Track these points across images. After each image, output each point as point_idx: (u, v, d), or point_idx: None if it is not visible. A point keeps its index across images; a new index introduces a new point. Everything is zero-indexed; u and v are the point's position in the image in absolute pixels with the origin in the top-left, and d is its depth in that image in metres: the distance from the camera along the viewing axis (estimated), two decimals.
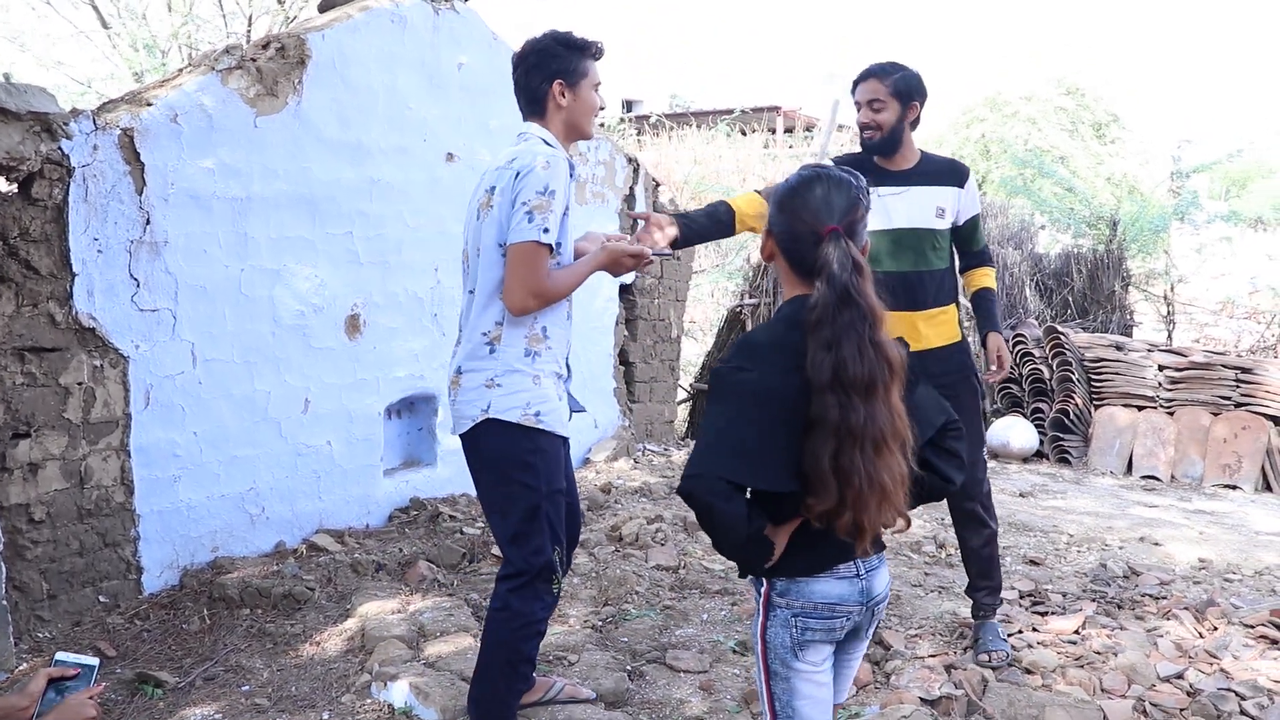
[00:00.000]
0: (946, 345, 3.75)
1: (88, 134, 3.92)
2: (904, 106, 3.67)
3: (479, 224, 2.85)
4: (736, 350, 1.99)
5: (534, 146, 2.82)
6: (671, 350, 7.68)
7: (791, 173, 2.12)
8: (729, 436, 1.88)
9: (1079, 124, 21.92)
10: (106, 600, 4.15)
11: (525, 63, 2.92)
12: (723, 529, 1.87)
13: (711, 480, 1.85)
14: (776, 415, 1.89)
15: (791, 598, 2.02)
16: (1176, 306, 11.16)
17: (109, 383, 4.09)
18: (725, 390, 1.93)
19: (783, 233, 2.03)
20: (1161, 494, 7.26)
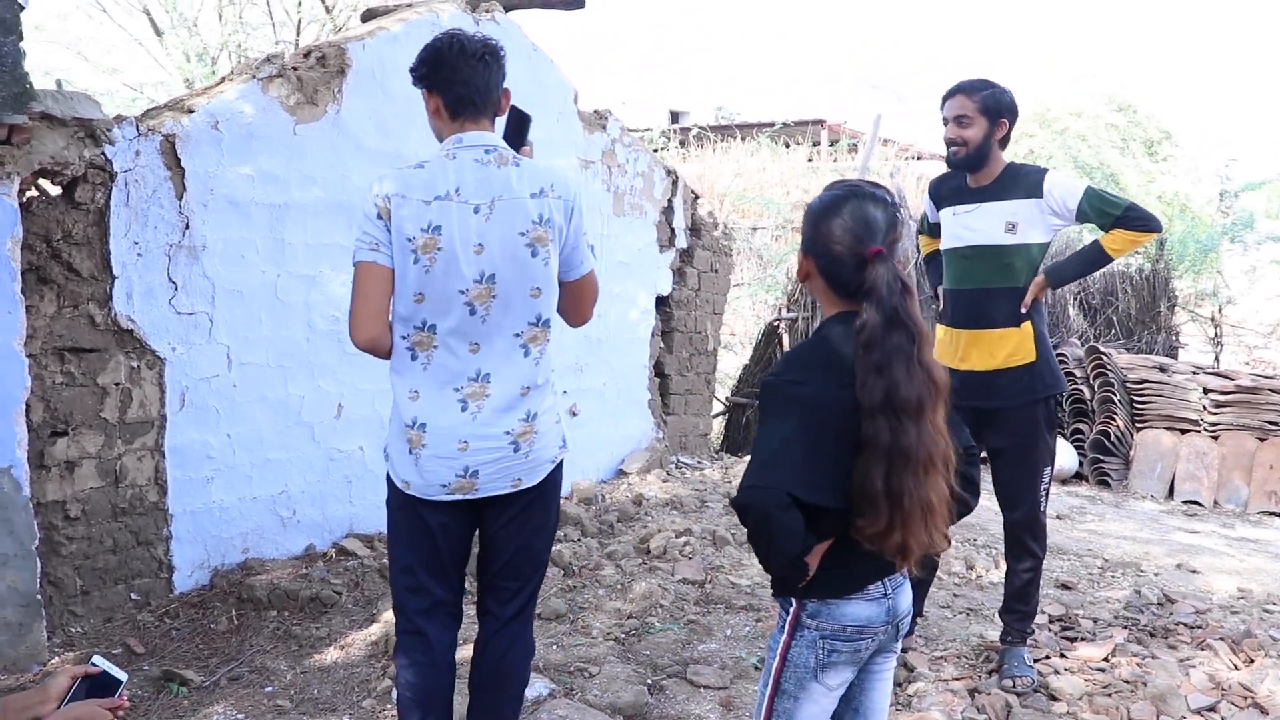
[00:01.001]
0: (1017, 366, 3.68)
1: (130, 140, 3.99)
2: (992, 124, 3.64)
3: (534, 260, 2.52)
4: (788, 365, 2.00)
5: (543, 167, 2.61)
6: (708, 363, 7.66)
7: (823, 191, 2.10)
8: (790, 449, 1.86)
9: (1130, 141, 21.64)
10: (138, 598, 4.21)
11: (496, 60, 2.59)
12: (779, 541, 1.85)
13: (775, 492, 1.82)
14: (831, 431, 1.89)
15: (822, 619, 2.01)
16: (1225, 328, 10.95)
17: (145, 384, 4.15)
18: (782, 403, 1.92)
19: (823, 254, 2.01)
20: (1203, 520, 7.12)
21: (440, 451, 2.52)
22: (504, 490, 2.59)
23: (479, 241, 2.46)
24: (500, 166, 2.52)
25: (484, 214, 2.47)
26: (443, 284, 2.46)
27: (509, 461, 2.57)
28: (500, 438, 2.55)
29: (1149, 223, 3.59)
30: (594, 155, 6.29)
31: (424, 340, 2.51)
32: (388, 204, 2.44)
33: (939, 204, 3.91)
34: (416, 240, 2.43)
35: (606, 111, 6.44)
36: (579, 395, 6.39)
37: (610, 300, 6.54)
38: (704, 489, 6.48)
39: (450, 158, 2.51)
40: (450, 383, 2.52)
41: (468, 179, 2.48)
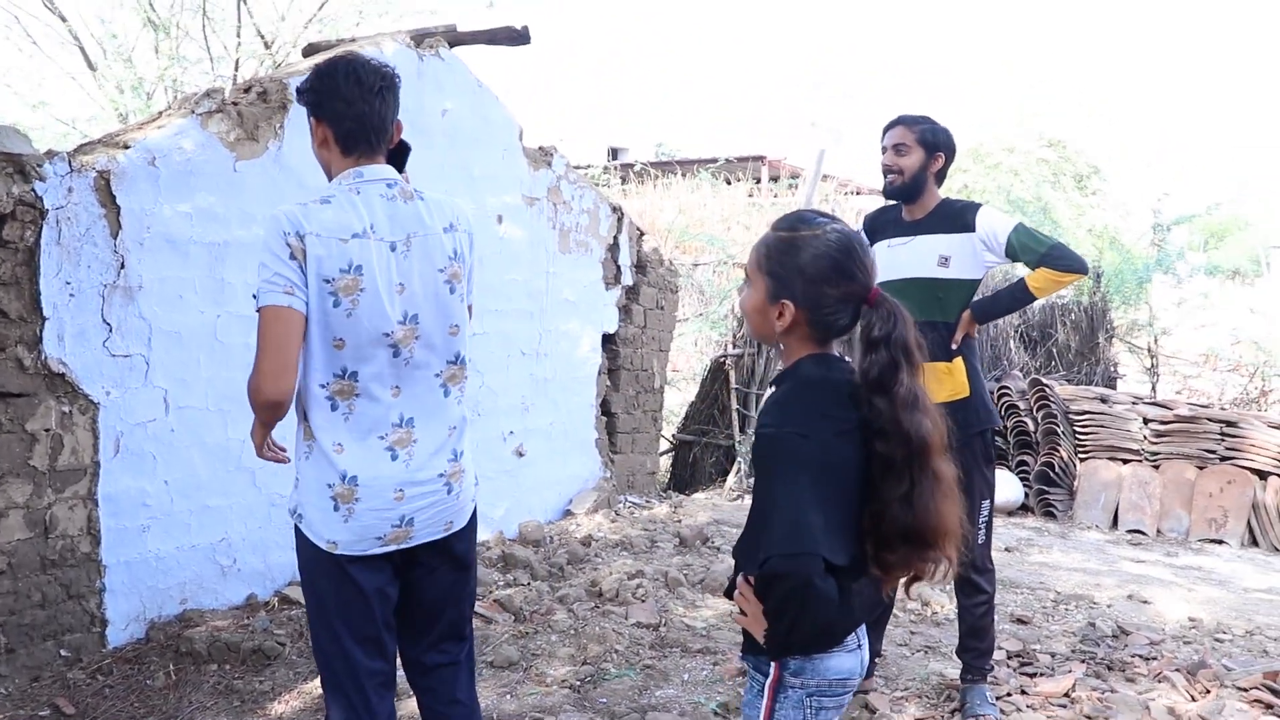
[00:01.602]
0: (951, 401, 3.67)
1: (62, 176, 3.85)
2: (929, 156, 3.70)
3: (452, 297, 2.44)
4: (783, 415, 1.89)
5: (443, 199, 2.49)
6: (655, 401, 7.60)
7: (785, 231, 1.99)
8: (811, 511, 1.78)
9: (1061, 175, 22.17)
10: (68, 654, 4.02)
11: (393, 92, 2.45)
12: (815, 610, 1.77)
13: (812, 559, 1.74)
14: (837, 486, 1.84)
15: (806, 676, 1.92)
16: (1160, 358, 11.17)
17: (78, 429, 3.99)
18: (792, 460, 1.82)
19: (816, 305, 1.92)
20: (1148, 549, 7.19)
21: (375, 504, 2.37)
22: (437, 535, 2.47)
23: (400, 281, 2.34)
24: (407, 201, 2.40)
25: (401, 252, 2.34)
26: (366, 327, 2.31)
27: (443, 504, 2.46)
28: (434, 481, 2.44)
29: (1073, 263, 3.61)
30: (539, 192, 6.24)
31: (345, 389, 2.34)
32: (301, 243, 2.25)
33: (874, 237, 3.93)
34: (336, 281, 2.26)
35: (551, 148, 6.40)
36: (526, 435, 6.29)
37: (557, 338, 6.47)
38: (653, 528, 6.40)
39: (355, 193, 2.35)
40: (374, 430, 2.37)
41: (379, 215, 2.33)
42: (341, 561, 2.38)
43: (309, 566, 2.46)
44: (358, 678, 2.45)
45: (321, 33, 11.09)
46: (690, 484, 8.86)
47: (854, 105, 28.22)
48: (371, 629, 2.45)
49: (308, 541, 2.42)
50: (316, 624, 2.49)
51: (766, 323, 1.97)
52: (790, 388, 1.94)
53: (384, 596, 2.46)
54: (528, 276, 6.18)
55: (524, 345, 6.20)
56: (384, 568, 2.45)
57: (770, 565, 1.77)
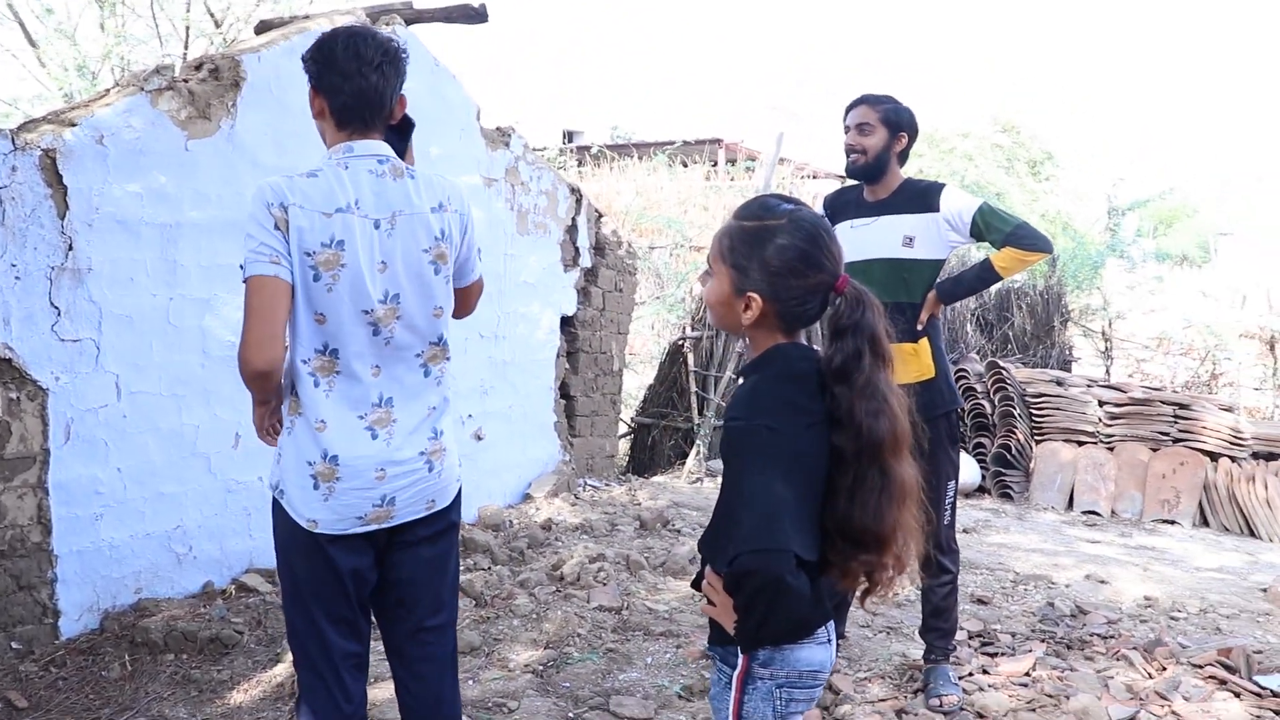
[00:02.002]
0: (915, 382, 3.66)
1: (5, 154, 3.73)
2: (892, 136, 3.68)
3: (436, 278, 2.40)
4: (753, 407, 1.83)
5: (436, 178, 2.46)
6: (613, 384, 7.57)
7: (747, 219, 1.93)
8: (782, 505, 1.73)
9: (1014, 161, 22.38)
10: (20, 646, 3.93)
11: (394, 67, 2.39)
12: (787, 607, 1.74)
13: (784, 555, 1.70)
14: (806, 479, 1.80)
15: (776, 667, 1.87)
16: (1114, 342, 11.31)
17: (26, 416, 3.89)
18: (762, 453, 1.78)
19: (784, 297, 1.87)
20: (1103, 529, 7.29)
21: (356, 484, 2.34)
22: (419, 514, 2.45)
23: (382, 259, 2.31)
24: (396, 179, 2.36)
25: (384, 230, 2.31)
26: (347, 304, 2.28)
27: (425, 483, 2.44)
28: (416, 459, 2.41)
29: (1038, 242, 3.61)
30: (497, 173, 6.17)
31: (326, 365, 2.32)
32: (284, 214, 2.22)
33: (834, 218, 3.91)
34: (317, 255, 2.23)
35: (510, 128, 6.33)
36: (484, 419, 6.24)
37: (515, 321, 6.42)
38: (613, 512, 6.38)
39: (343, 167, 2.32)
40: (354, 409, 2.34)
41: (365, 191, 2.30)
42: (320, 540, 2.35)
43: (286, 545, 2.42)
44: (331, 658, 2.42)
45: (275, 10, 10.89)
46: (649, 467, 8.85)
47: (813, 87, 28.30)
48: (346, 610, 2.42)
49: (286, 518, 2.38)
50: (290, 603, 2.46)
51: (732, 314, 1.92)
52: (759, 379, 1.89)
53: (360, 578, 2.43)
54: (486, 258, 6.09)
55: (482, 328, 6.14)
56: (365, 549, 2.42)
57: (741, 562, 1.73)
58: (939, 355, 3.74)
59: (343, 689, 2.44)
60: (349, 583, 2.40)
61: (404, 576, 2.50)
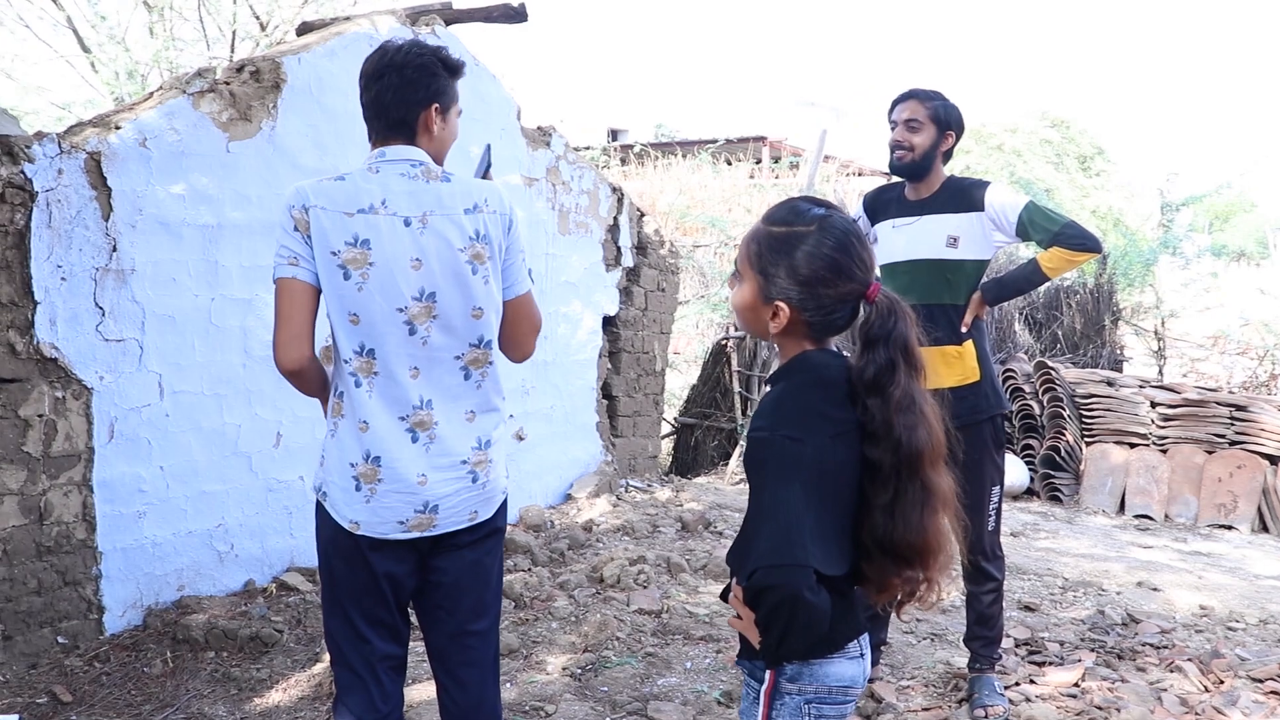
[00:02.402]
0: (960, 386, 3.58)
1: (52, 158, 3.77)
2: (940, 133, 3.59)
3: (474, 278, 2.35)
4: (777, 417, 1.77)
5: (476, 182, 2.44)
6: (656, 384, 7.53)
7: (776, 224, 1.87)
8: (804, 519, 1.68)
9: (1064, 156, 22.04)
10: (65, 641, 3.97)
11: (400, 77, 2.39)
12: (806, 625, 1.68)
13: (803, 571, 1.65)
14: (831, 489, 1.75)
15: (804, 682, 1.82)
16: (1168, 341, 11.08)
17: (71, 415, 3.93)
18: (784, 465, 1.72)
19: (813, 305, 1.81)
20: (1156, 534, 7.13)
21: (398, 487, 2.32)
22: (461, 525, 2.42)
23: (415, 256, 2.29)
24: (429, 181, 2.35)
25: (416, 228, 2.30)
26: (378, 302, 2.28)
27: (468, 493, 2.41)
28: (458, 468, 2.38)
29: (1087, 242, 3.50)
30: (538, 172, 6.15)
31: (365, 365, 2.32)
32: (305, 215, 2.26)
33: (875, 217, 3.82)
34: (343, 254, 2.25)
35: (550, 128, 6.31)
36: (526, 419, 6.23)
37: (556, 321, 6.40)
38: (655, 513, 6.34)
39: (374, 171, 2.33)
40: (396, 411, 2.33)
41: (395, 191, 2.31)
42: (362, 545, 2.35)
43: (327, 547, 2.43)
44: (369, 659, 2.43)
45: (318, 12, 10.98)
46: (692, 468, 8.80)
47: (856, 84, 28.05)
48: (385, 613, 2.42)
49: (329, 520, 2.39)
50: (329, 605, 2.46)
51: (759, 321, 1.87)
52: (785, 387, 1.84)
53: (399, 583, 2.42)
54: (528, 258, 6.09)
55: None
56: (406, 556, 2.41)
57: (758, 577, 1.68)
58: (984, 358, 3.65)
59: (380, 689, 2.44)
60: (387, 587, 2.40)
61: (446, 580, 2.48)
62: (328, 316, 2.32)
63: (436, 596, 2.50)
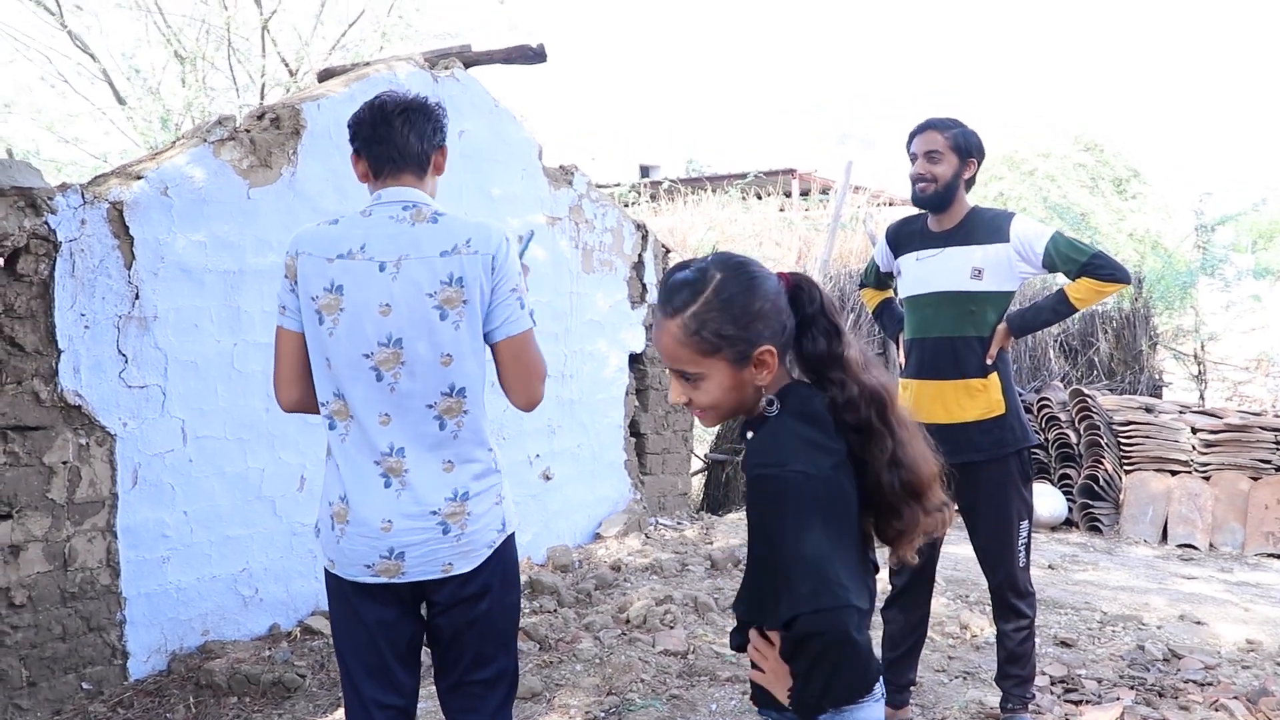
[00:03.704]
0: (985, 419, 3.52)
1: (75, 208, 3.83)
2: (961, 162, 3.53)
3: (443, 324, 2.30)
4: (790, 454, 1.70)
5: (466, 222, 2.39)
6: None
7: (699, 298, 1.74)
8: (831, 556, 1.63)
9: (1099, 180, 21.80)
10: (90, 687, 3.98)
11: (422, 116, 2.43)
12: (854, 667, 1.63)
13: (849, 611, 1.59)
14: (846, 519, 1.71)
15: None
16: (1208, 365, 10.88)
17: (95, 461, 3.95)
18: (800, 502, 1.65)
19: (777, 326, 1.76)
20: (1200, 564, 6.95)
21: (363, 530, 2.30)
22: (434, 575, 2.35)
23: (385, 302, 2.27)
24: (415, 223, 2.33)
25: (390, 273, 2.27)
26: (346, 347, 2.28)
27: (437, 544, 2.32)
28: (426, 518, 2.31)
29: (1116, 272, 3.44)
30: (560, 211, 6.16)
31: (340, 409, 2.33)
32: (294, 262, 2.34)
33: (898, 250, 3.77)
34: (319, 300, 2.29)
35: (572, 166, 6.33)
36: (552, 458, 6.20)
37: (582, 359, 6.39)
38: (684, 551, 6.28)
39: (366, 215, 2.36)
40: (369, 455, 2.31)
41: (376, 235, 2.31)
42: (347, 588, 2.36)
43: (327, 587, 2.46)
44: (367, 709, 2.39)
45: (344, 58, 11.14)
46: (724, 504, 8.72)
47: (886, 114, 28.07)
48: (376, 659, 2.38)
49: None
50: (336, 648, 2.48)
51: (744, 393, 1.79)
52: (777, 422, 1.77)
53: (387, 628, 2.37)
54: (551, 297, 6.10)
55: (549, 366, 6.10)
56: (390, 601, 2.37)
57: (803, 624, 1.60)
58: (1009, 390, 3.58)
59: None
60: (375, 632, 2.37)
61: (444, 638, 2.45)
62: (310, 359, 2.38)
63: (438, 649, 2.48)
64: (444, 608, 2.40)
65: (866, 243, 10.93)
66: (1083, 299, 3.52)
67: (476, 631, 2.44)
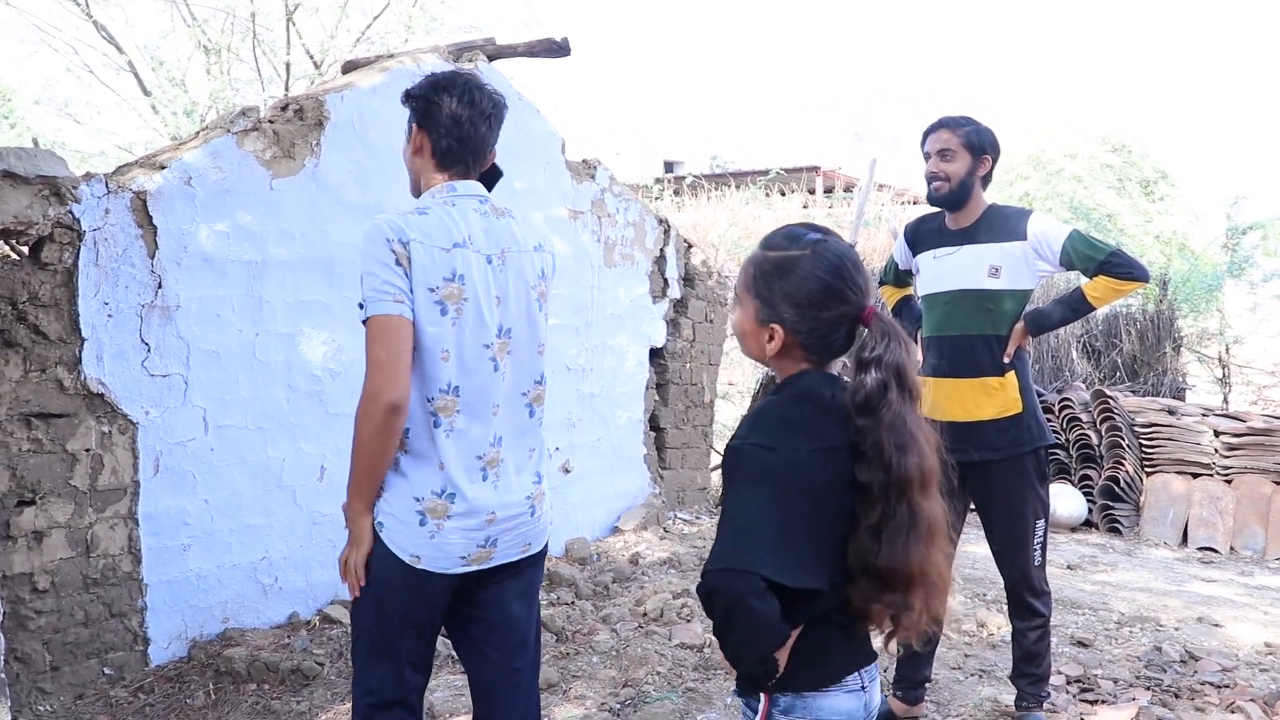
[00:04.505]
0: (1001, 418, 3.51)
1: (99, 197, 3.86)
2: (975, 159, 3.53)
3: (540, 315, 2.43)
4: (754, 427, 1.77)
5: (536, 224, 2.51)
6: (704, 415, 7.49)
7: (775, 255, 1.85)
8: (763, 526, 1.65)
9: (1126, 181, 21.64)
10: (111, 672, 4.02)
11: (500, 121, 2.47)
12: (753, 634, 1.64)
13: (748, 576, 1.62)
14: (806, 503, 1.70)
15: (798, 715, 1.78)
16: (1232, 368, 10.79)
17: (117, 449, 3.99)
18: (751, 472, 1.71)
19: (807, 329, 1.81)
20: (1220, 568, 6.90)
21: (467, 524, 2.31)
22: (514, 557, 2.43)
23: (497, 294, 2.33)
24: (499, 218, 2.39)
25: (496, 265, 2.33)
26: (469, 338, 2.28)
27: (525, 526, 2.43)
28: (521, 504, 2.41)
29: (1134, 270, 3.42)
30: (583, 205, 6.17)
31: (448, 404, 2.29)
32: (405, 250, 2.21)
33: (916, 247, 3.77)
34: (441, 290, 2.23)
35: (595, 161, 6.34)
36: (572, 451, 6.22)
37: (602, 353, 6.40)
38: (702, 545, 6.29)
39: (450, 205, 2.34)
40: (474, 450, 2.32)
41: (475, 229, 2.32)
42: (424, 579, 2.32)
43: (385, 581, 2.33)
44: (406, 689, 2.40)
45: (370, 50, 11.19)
46: None
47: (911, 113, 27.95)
48: (425, 647, 2.42)
49: (388, 554, 2.31)
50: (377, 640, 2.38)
51: (757, 344, 1.87)
52: (769, 401, 1.83)
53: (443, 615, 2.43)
54: (572, 291, 6.12)
55: (569, 360, 6.13)
56: (450, 588, 2.38)
57: (706, 580, 1.66)
58: (1026, 389, 3.57)
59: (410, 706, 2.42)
60: (438, 619, 2.41)
61: (494, 616, 2.47)
62: (414, 352, 2.25)
63: (482, 632, 2.48)
64: (502, 583, 2.45)
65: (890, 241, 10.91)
66: (1100, 297, 3.50)
67: (526, 608, 2.51)
